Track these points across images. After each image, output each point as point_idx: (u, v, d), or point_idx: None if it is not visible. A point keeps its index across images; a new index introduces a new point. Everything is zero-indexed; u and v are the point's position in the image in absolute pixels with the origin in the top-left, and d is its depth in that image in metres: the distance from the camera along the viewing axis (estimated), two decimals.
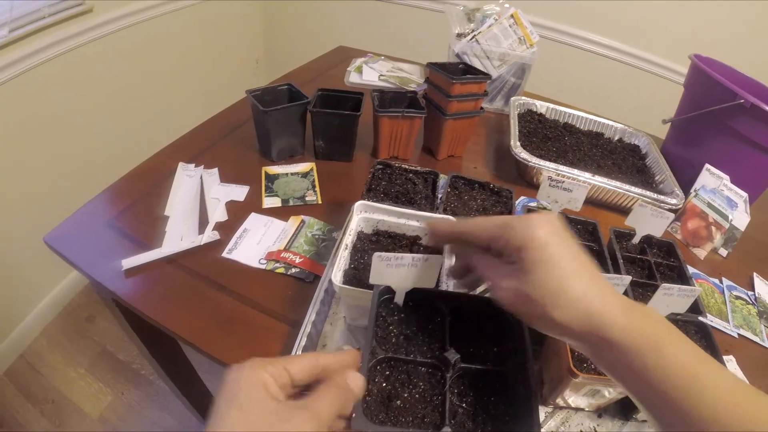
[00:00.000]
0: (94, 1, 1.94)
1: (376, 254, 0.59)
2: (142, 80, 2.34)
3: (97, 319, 2.20)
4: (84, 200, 1.04)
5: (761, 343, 1.01)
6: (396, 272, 0.61)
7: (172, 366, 1.36)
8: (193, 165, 1.17)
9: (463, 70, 1.30)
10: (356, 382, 0.47)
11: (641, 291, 0.92)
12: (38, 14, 1.75)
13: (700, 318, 0.85)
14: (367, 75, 1.70)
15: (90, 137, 2.12)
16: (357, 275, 0.78)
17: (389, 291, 0.63)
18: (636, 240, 0.99)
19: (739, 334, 1.01)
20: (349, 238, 0.83)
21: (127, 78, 2.25)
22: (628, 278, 0.76)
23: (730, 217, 1.18)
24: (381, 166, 1.04)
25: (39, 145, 1.89)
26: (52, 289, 2.18)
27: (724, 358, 0.92)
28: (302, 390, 0.45)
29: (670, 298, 0.78)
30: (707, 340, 0.83)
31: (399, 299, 0.63)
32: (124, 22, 2.12)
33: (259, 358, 0.44)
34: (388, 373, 0.58)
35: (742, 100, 1.15)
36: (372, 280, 0.61)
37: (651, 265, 0.97)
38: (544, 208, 0.98)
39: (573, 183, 0.91)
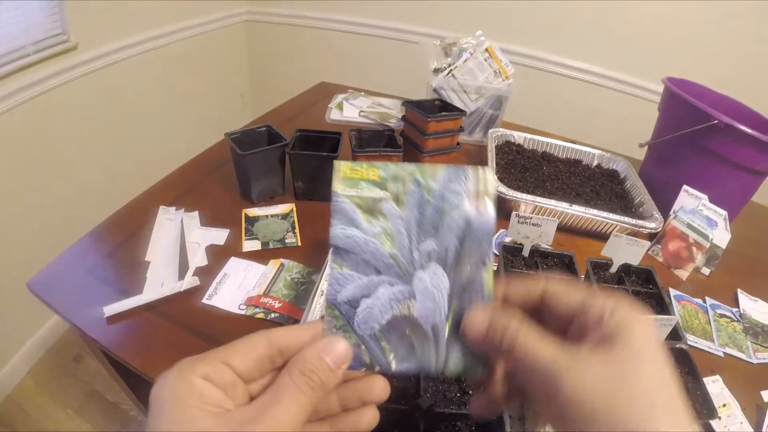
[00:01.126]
0: (78, 37, 1.95)
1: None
2: (126, 118, 2.35)
3: (85, 358, 2.18)
4: (68, 242, 1.05)
5: (748, 359, 1.01)
6: None
7: None
8: (174, 208, 1.17)
9: (439, 106, 1.32)
10: (331, 352, 0.35)
11: None
12: (23, 51, 1.75)
13: (679, 345, 0.86)
14: (348, 111, 1.72)
15: (73, 178, 2.12)
16: None
17: None
18: (613, 269, 1.00)
19: (725, 353, 1.02)
20: (325, 284, 0.83)
21: (112, 116, 2.25)
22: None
23: (711, 236, 1.19)
24: None
25: (21, 186, 1.89)
26: (39, 329, 2.17)
27: (711, 378, 0.93)
28: (267, 385, 0.35)
29: None
30: (688, 365, 0.84)
31: None
32: (109, 59, 2.14)
33: (189, 357, 0.34)
34: None
35: (716, 121, 1.17)
36: None
37: (629, 294, 0.98)
38: (520, 244, 0.99)
39: (541, 218, 0.92)
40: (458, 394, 0.64)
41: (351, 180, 0.40)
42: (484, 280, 0.39)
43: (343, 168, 0.40)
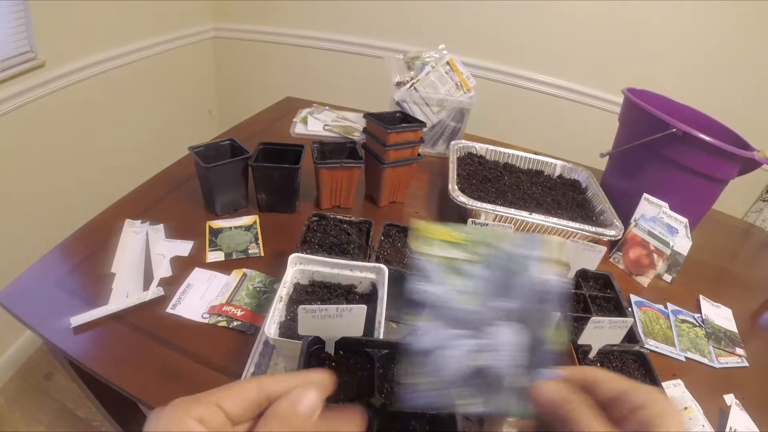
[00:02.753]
0: (46, 55, 1.95)
1: (301, 307, 0.62)
2: (94, 134, 2.34)
3: (55, 376, 2.16)
4: (35, 256, 1.05)
5: (709, 363, 1.04)
6: (323, 323, 0.63)
7: (131, 423, 1.35)
8: (140, 221, 1.18)
9: (401, 118, 1.34)
10: (304, 402, 0.36)
11: (576, 325, 0.94)
12: None
13: (636, 347, 0.89)
14: (312, 125, 1.75)
15: (42, 192, 2.11)
16: (294, 327, 0.80)
17: (319, 341, 0.65)
18: (571, 275, 1.03)
19: (686, 357, 1.04)
20: (284, 290, 0.85)
21: (80, 132, 2.25)
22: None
23: (672, 244, 1.22)
24: (316, 218, 1.07)
25: None
26: (9, 347, 2.14)
27: (672, 382, 0.96)
28: (251, 427, 0.36)
29: (602, 330, 0.82)
30: (645, 368, 0.87)
31: (329, 348, 0.65)
32: (77, 75, 2.13)
33: (184, 398, 0.35)
34: None
35: (674, 129, 1.20)
36: (300, 332, 0.63)
37: (586, 298, 1.00)
38: None
39: (498, 225, 0.94)
40: None
41: (427, 239, 0.44)
42: (549, 338, 0.44)
43: (421, 227, 0.44)
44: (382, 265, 0.89)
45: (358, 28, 2.76)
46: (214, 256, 1.11)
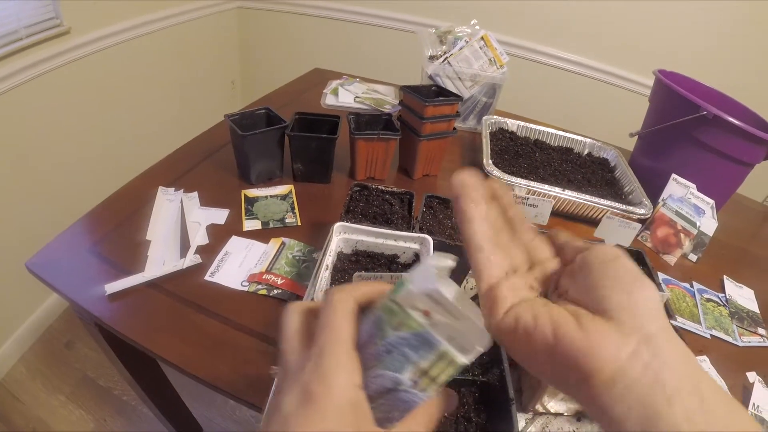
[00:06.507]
0: (71, 21, 1.94)
1: (356, 274, 0.62)
2: (118, 102, 2.34)
3: (76, 345, 2.18)
4: (62, 226, 1.04)
5: (734, 342, 1.05)
6: None
7: (156, 391, 1.36)
8: (173, 189, 1.18)
9: (436, 92, 1.34)
10: None
11: None
12: (15, 36, 1.73)
13: (671, 321, 0.89)
14: (343, 97, 1.73)
15: (67, 161, 2.12)
16: None
17: None
18: None
19: (711, 335, 1.05)
20: (329, 259, 0.85)
21: (104, 100, 2.25)
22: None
23: (698, 224, 1.22)
24: (358, 188, 1.07)
25: (15, 170, 1.88)
26: (29, 316, 2.16)
27: (699, 357, 0.96)
28: None
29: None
30: None
31: None
32: (101, 44, 2.12)
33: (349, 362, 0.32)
34: None
35: (705, 112, 1.20)
36: None
37: None
38: None
39: (537, 199, 0.94)
40: None
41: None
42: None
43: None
44: (427, 236, 0.89)
45: (387, 1, 2.73)
46: (250, 224, 1.11)
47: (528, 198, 0.94)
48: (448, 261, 0.35)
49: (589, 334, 0.31)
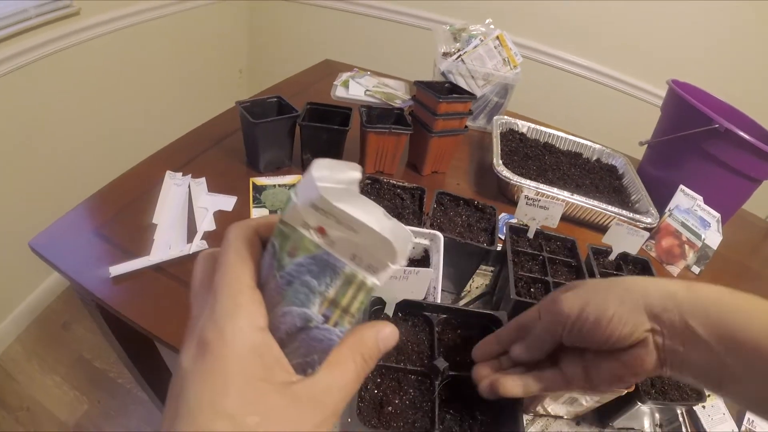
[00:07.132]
0: (81, 3, 1.93)
1: None
2: (126, 85, 2.33)
3: (73, 326, 2.17)
4: (68, 206, 1.03)
5: None
6: (387, 283, 0.62)
7: (152, 374, 1.36)
8: (181, 174, 1.17)
9: (449, 89, 1.33)
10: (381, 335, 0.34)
11: None
12: (25, 15, 1.72)
13: None
14: (354, 90, 1.73)
15: (73, 142, 2.11)
16: None
17: (380, 302, 0.65)
18: (612, 257, 1.02)
19: None
20: None
21: (112, 82, 2.24)
22: None
23: (703, 236, 1.22)
24: (370, 182, 1.06)
25: (22, 149, 1.87)
26: (27, 296, 2.15)
27: None
28: None
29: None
30: None
31: (389, 310, 0.64)
32: (111, 26, 2.11)
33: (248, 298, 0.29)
34: (379, 380, 0.60)
35: (716, 125, 1.20)
36: None
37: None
38: (525, 225, 1.00)
39: (549, 201, 0.94)
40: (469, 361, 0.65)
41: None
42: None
43: None
44: (438, 232, 0.88)
45: None
46: (258, 212, 1.10)
47: (539, 200, 0.94)
48: (347, 169, 0.29)
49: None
